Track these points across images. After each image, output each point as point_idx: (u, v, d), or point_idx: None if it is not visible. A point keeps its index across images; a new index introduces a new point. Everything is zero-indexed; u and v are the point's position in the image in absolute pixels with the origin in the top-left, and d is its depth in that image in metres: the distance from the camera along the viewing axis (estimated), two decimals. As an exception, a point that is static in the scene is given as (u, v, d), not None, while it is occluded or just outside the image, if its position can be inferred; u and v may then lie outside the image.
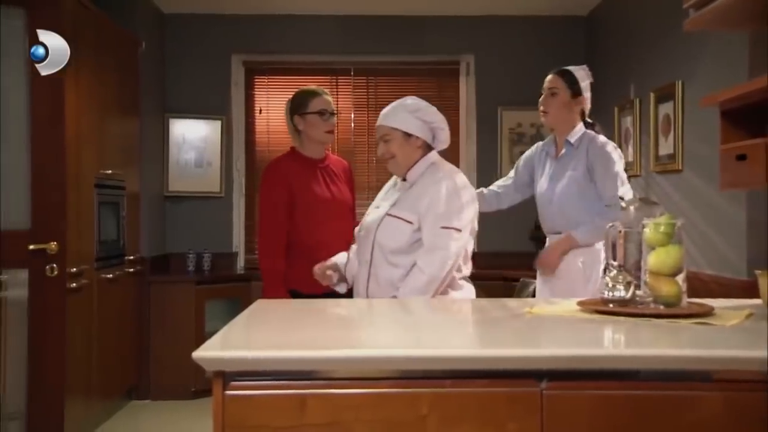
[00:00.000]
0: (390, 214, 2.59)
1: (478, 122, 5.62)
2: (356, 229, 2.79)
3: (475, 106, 5.62)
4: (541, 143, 3.27)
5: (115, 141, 4.58)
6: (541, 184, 3.14)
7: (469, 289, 2.66)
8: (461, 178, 2.64)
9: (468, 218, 2.57)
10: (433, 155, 2.68)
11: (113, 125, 4.56)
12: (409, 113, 2.63)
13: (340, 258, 2.79)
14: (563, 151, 3.06)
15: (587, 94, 3.08)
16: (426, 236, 2.51)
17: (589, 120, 3.11)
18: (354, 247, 2.78)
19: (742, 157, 2.32)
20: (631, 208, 2.11)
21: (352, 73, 5.68)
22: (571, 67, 3.12)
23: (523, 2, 5.33)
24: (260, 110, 5.69)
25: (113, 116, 4.56)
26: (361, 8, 5.44)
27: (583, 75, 3.09)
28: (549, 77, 3.10)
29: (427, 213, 2.52)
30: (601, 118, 5.15)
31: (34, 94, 3.60)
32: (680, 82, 3.84)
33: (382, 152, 2.66)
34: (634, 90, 4.57)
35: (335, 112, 3.17)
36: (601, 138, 3.04)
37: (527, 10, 5.47)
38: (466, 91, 5.68)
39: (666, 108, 4.04)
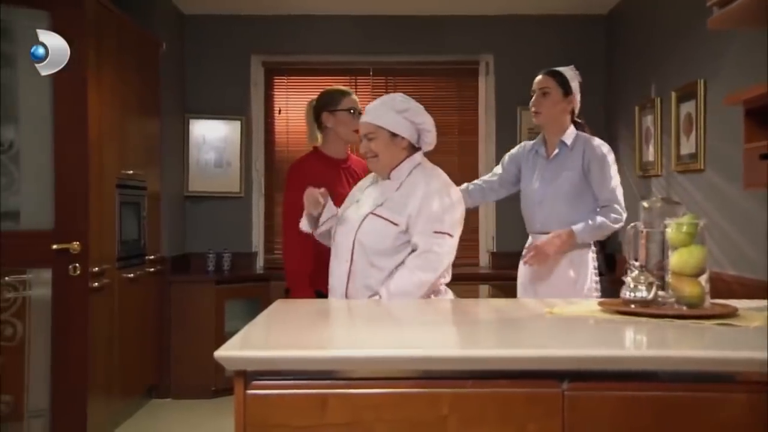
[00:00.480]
0: (375, 214, 2.54)
1: (497, 122, 5.60)
2: (335, 217, 2.73)
3: (494, 106, 5.60)
4: (528, 143, 3.27)
5: (136, 141, 4.61)
6: (531, 184, 3.13)
7: (450, 296, 2.63)
8: (447, 179, 2.61)
9: (458, 221, 2.56)
10: (419, 156, 2.63)
11: (134, 126, 4.60)
12: (397, 113, 2.58)
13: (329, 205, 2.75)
14: (556, 151, 3.07)
15: (577, 94, 3.11)
16: (418, 240, 2.48)
17: (578, 120, 3.13)
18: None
19: (765, 156, 2.30)
20: (654, 207, 2.10)
21: (371, 74, 5.69)
22: (559, 68, 3.14)
23: (542, 1, 5.30)
24: (279, 110, 5.71)
25: (134, 117, 4.60)
26: (379, 8, 5.44)
27: (572, 75, 3.11)
28: (539, 78, 3.12)
29: (417, 216, 2.48)
30: (622, 118, 5.13)
31: (58, 95, 3.64)
32: (702, 81, 3.80)
33: (364, 150, 2.62)
34: (655, 89, 4.53)
35: (362, 113, 3.17)
36: (597, 140, 3.07)
37: (547, 9, 5.44)
38: (485, 90, 5.66)
39: (688, 107, 4.00)
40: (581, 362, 1.53)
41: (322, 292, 2.91)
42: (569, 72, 3.12)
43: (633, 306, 1.99)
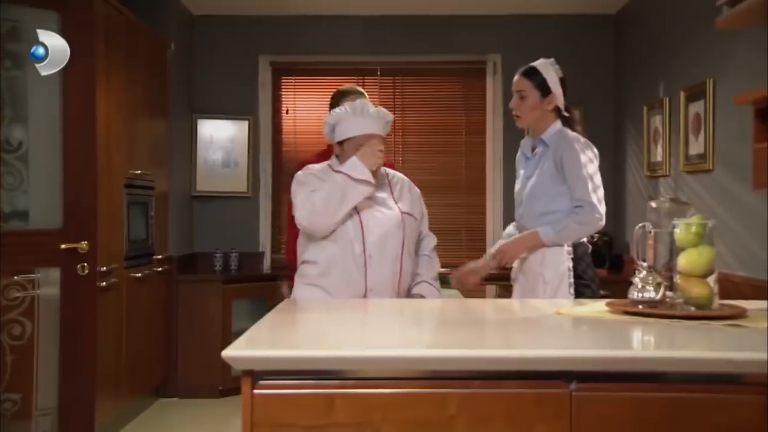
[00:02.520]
0: (405, 213, 2.76)
1: (504, 122, 5.58)
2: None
3: (502, 106, 5.58)
4: (524, 139, 3.12)
5: (145, 141, 4.63)
6: (517, 184, 3.04)
7: None
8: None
9: None
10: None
11: (143, 126, 4.61)
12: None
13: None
14: (538, 149, 2.93)
15: (558, 90, 2.91)
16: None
17: (566, 114, 2.94)
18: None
19: (775, 157, 2.28)
20: (663, 207, 2.09)
21: (378, 73, 5.69)
22: (537, 64, 2.98)
23: (550, 1, 5.29)
24: (287, 110, 5.71)
25: (143, 117, 4.62)
26: (387, 8, 5.44)
27: (550, 72, 2.94)
28: (515, 78, 2.98)
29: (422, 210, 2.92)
30: (631, 118, 5.11)
31: (66, 95, 3.65)
32: (711, 81, 3.79)
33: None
34: (663, 88, 4.52)
35: None
36: (571, 134, 2.86)
37: (555, 9, 5.43)
38: (493, 90, 5.65)
39: (696, 107, 3.98)
40: (589, 363, 1.52)
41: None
42: (547, 68, 2.95)
43: (641, 306, 1.98)
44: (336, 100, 3.14)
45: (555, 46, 5.42)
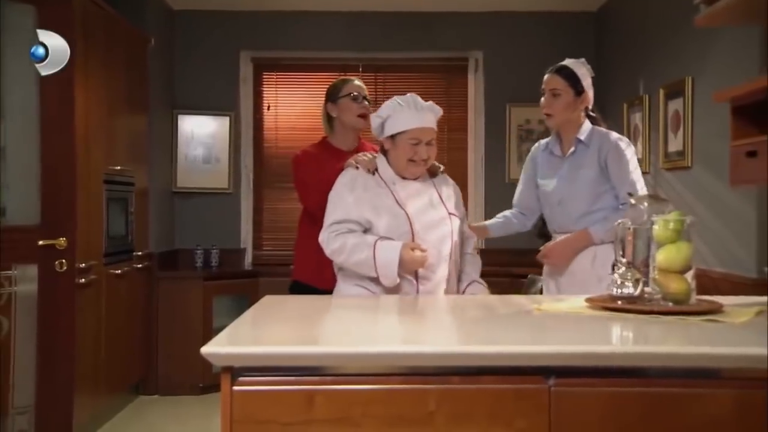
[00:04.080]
0: (452, 214, 2.73)
1: (486, 119, 5.60)
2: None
3: (484, 103, 5.61)
4: (543, 142, 3.10)
5: (124, 137, 4.59)
6: (549, 184, 2.99)
7: None
8: None
9: None
10: None
11: (122, 121, 4.57)
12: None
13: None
14: (573, 149, 2.92)
15: (590, 90, 2.92)
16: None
17: (592, 113, 2.96)
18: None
19: (752, 154, 2.31)
20: (641, 204, 2.11)
21: (360, 70, 5.67)
22: (569, 62, 2.94)
23: (532, -2, 5.32)
24: (268, 106, 5.69)
25: (122, 112, 4.58)
26: (369, 4, 5.43)
27: (584, 71, 2.92)
28: (548, 77, 2.92)
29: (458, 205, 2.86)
30: (610, 115, 5.14)
31: (44, 90, 3.61)
32: (690, 78, 3.82)
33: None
34: (643, 86, 4.55)
35: (368, 98, 3.14)
36: (614, 134, 2.90)
37: (536, 6, 5.45)
38: (475, 87, 5.66)
39: (676, 104, 4.02)
40: (568, 358, 1.53)
41: (310, 287, 2.90)
42: (581, 68, 2.92)
43: (620, 302, 1.99)
44: (338, 89, 3.10)
45: (536, 43, 5.47)
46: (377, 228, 2.53)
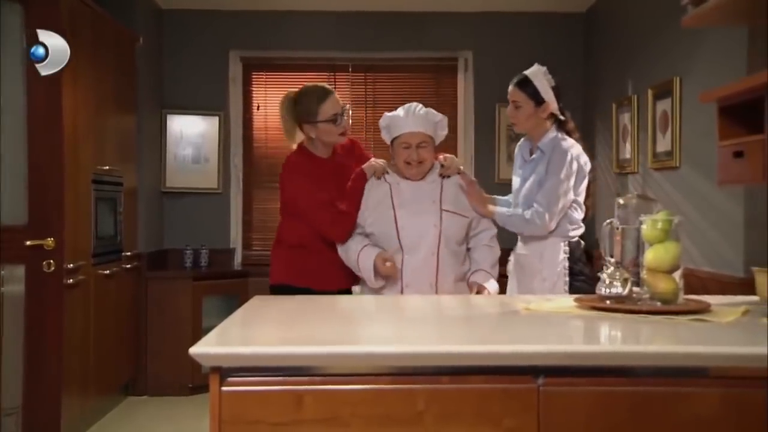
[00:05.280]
0: (446, 210, 2.91)
1: (475, 119, 5.61)
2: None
3: (473, 103, 5.61)
4: (522, 140, 3.21)
5: (113, 137, 4.57)
6: (515, 182, 3.15)
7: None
8: None
9: None
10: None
11: (111, 121, 4.55)
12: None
13: None
14: (534, 155, 3.06)
15: (550, 98, 2.98)
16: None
17: (562, 117, 3.03)
18: None
19: (739, 154, 2.32)
20: (630, 204, 2.12)
21: (350, 70, 5.67)
22: (530, 72, 3.02)
23: (521, -1, 5.33)
24: (258, 106, 5.67)
25: (110, 112, 4.55)
26: (359, 4, 5.43)
27: (542, 81, 2.98)
28: (510, 89, 3.04)
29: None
30: (600, 115, 5.16)
31: (31, 89, 3.59)
32: (678, 79, 3.84)
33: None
34: (632, 86, 4.57)
35: (345, 108, 3.01)
36: (565, 145, 2.95)
37: (525, 7, 5.46)
38: (464, 87, 5.67)
39: (664, 104, 4.03)
40: (556, 358, 1.54)
41: (309, 289, 2.87)
42: (541, 79, 2.99)
43: (608, 302, 2.00)
44: (313, 111, 2.96)
45: (525, 43, 5.48)
46: (368, 222, 2.86)
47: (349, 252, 2.86)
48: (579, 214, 3.02)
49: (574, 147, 2.98)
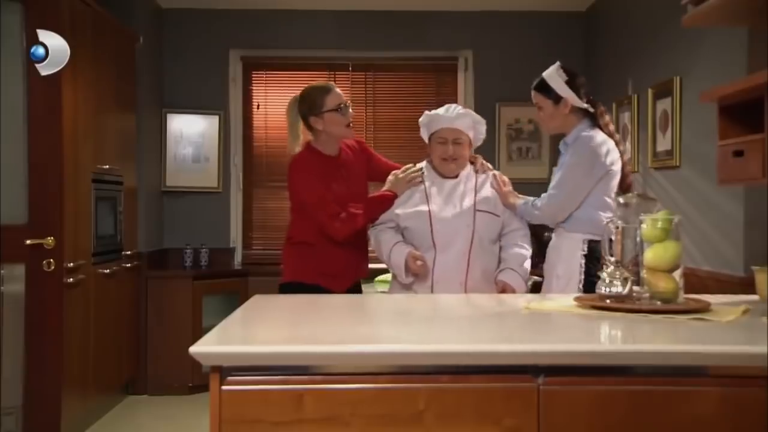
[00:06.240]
0: (480, 210, 2.95)
1: (476, 118, 5.61)
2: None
3: (474, 102, 5.61)
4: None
5: (113, 136, 4.57)
6: (555, 174, 3.13)
7: None
8: None
9: None
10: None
11: (110, 120, 4.55)
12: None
13: None
14: (562, 151, 3.03)
15: (568, 94, 2.94)
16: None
17: (591, 109, 2.97)
18: None
19: (739, 153, 2.32)
20: (631, 203, 2.12)
21: (350, 69, 5.67)
22: (545, 74, 3.00)
23: (521, -2, 5.33)
24: (258, 105, 5.67)
25: (110, 111, 4.55)
26: (359, 3, 5.43)
27: (556, 79, 2.96)
28: (532, 92, 3.05)
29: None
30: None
31: (31, 89, 3.59)
32: (678, 78, 3.84)
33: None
34: (632, 86, 4.57)
35: (349, 103, 3.04)
36: (587, 137, 2.89)
37: (526, 6, 5.46)
38: (464, 86, 5.67)
39: (664, 104, 4.03)
40: (557, 357, 1.54)
41: (319, 287, 2.87)
42: (553, 76, 2.97)
43: (608, 301, 2.00)
44: (319, 102, 2.98)
45: (526, 43, 5.48)
46: (401, 217, 2.89)
47: (381, 245, 2.90)
48: (605, 215, 2.84)
49: (596, 140, 2.89)
